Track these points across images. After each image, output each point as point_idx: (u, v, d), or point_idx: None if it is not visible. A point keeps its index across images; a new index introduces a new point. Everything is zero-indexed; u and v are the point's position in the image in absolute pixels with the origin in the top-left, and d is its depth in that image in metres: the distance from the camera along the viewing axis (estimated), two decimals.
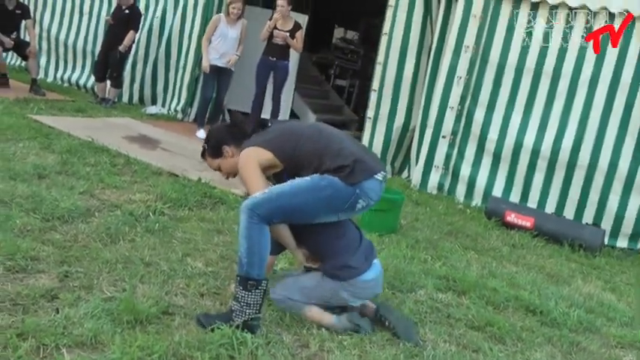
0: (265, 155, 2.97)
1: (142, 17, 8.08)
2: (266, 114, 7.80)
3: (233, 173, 3.23)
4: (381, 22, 7.17)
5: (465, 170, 6.59)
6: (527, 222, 5.83)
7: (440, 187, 6.73)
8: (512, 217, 5.90)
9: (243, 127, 3.25)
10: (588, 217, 6.07)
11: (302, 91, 8.57)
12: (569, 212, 6.15)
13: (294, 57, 7.96)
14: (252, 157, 2.96)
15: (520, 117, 6.33)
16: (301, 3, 7.83)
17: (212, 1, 7.91)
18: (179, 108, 8.15)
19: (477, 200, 6.54)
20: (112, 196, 4.53)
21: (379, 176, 3.05)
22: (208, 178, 5.22)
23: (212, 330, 2.74)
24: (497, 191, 6.44)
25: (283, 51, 7.65)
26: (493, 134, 6.45)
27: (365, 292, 3.18)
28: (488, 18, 6.38)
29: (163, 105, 8.28)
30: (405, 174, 7.31)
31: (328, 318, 3.10)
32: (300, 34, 7.60)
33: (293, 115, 8.53)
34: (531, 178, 6.30)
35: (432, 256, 4.60)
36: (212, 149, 3.22)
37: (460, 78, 6.53)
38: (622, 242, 5.96)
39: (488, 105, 6.47)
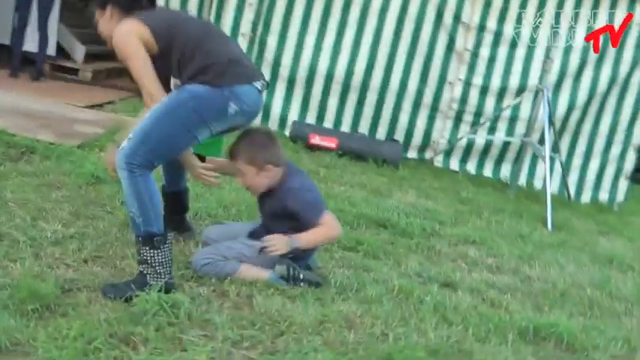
0: (143, 29, 2.60)
1: None
2: (30, 47, 6.77)
3: (106, 35, 2.83)
4: None
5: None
6: (331, 143, 6.11)
7: None
8: (316, 140, 6.12)
9: None
10: (381, 134, 6.58)
11: (65, 20, 7.52)
12: (363, 130, 6.58)
13: None
14: (133, 31, 2.59)
15: (313, 43, 6.46)
16: None
17: None
18: None
19: (273, 126, 6.60)
20: None
21: (257, 84, 2.77)
22: (2, 125, 4.42)
23: (130, 299, 2.43)
24: (293, 116, 6.58)
25: None
26: (287, 60, 6.50)
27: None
28: None
29: None
30: None
31: (263, 274, 2.92)
32: None
33: (59, 46, 7.49)
34: (326, 101, 6.55)
35: None
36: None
37: (250, 4, 6.40)
38: (412, 154, 6.61)
39: (280, 32, 6.47)
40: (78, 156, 4.22)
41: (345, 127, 6.57)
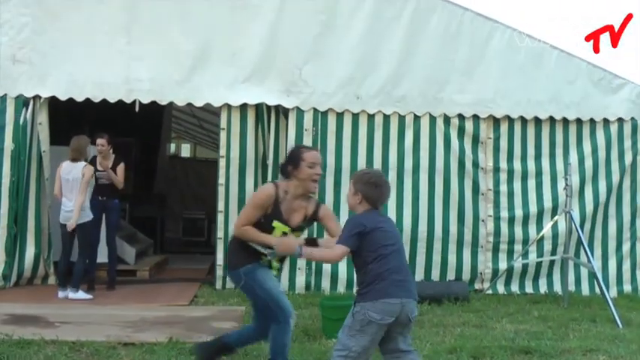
0: None
1: None
2: (101, 259, 7.24)
3: None
4: None
5: (327, 265, 7.34)
6: None
7: (307, 285, 7.32)
8: None
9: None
10: (435, 275, 7.47)
11: None
12: (419, 276, 7.43)
13: None
14: None
15: None
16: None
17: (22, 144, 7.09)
18: None
19: (341, 289, 7.34)
20: None
21: None
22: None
23: None
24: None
25: (112, 189, 7.27)
26: None
27: None
28: (319, 129, 7.38)
29: None
30: None
31: None
32: (120, 169, 7.33)
33: None
34: None
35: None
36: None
37: None
38: None
39: (333, 206, 7.37)
40: None
41: None
